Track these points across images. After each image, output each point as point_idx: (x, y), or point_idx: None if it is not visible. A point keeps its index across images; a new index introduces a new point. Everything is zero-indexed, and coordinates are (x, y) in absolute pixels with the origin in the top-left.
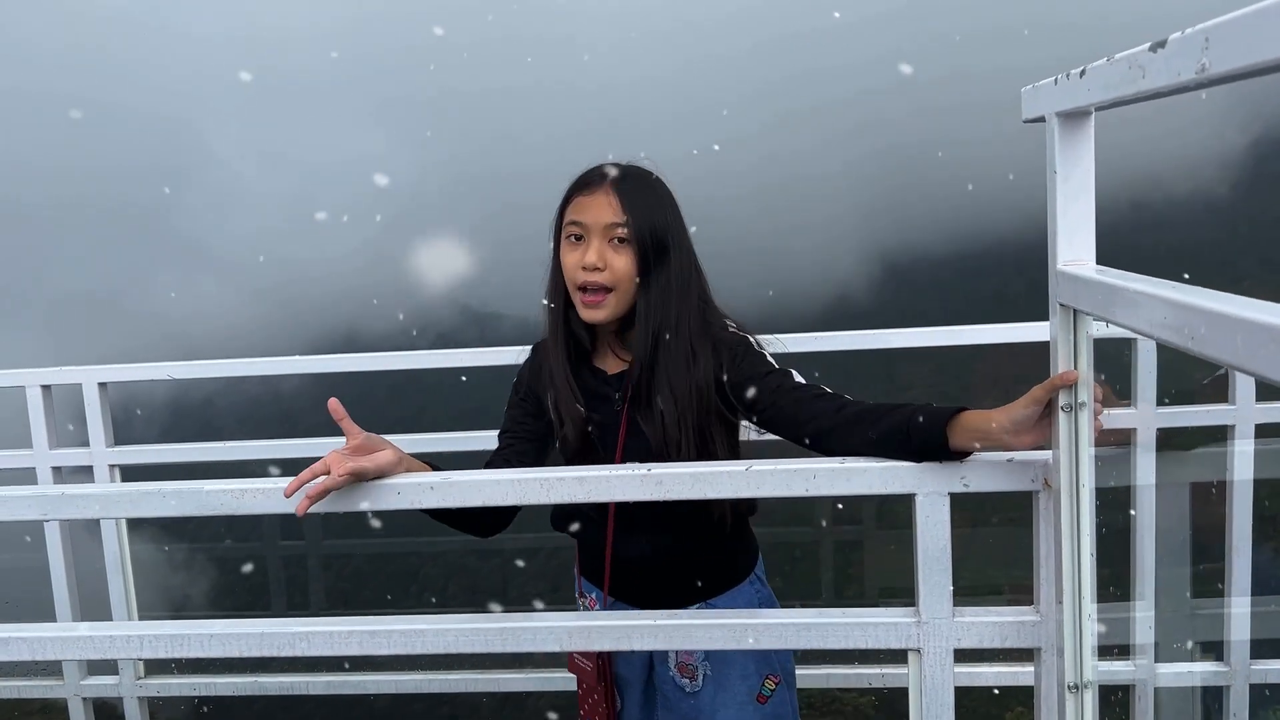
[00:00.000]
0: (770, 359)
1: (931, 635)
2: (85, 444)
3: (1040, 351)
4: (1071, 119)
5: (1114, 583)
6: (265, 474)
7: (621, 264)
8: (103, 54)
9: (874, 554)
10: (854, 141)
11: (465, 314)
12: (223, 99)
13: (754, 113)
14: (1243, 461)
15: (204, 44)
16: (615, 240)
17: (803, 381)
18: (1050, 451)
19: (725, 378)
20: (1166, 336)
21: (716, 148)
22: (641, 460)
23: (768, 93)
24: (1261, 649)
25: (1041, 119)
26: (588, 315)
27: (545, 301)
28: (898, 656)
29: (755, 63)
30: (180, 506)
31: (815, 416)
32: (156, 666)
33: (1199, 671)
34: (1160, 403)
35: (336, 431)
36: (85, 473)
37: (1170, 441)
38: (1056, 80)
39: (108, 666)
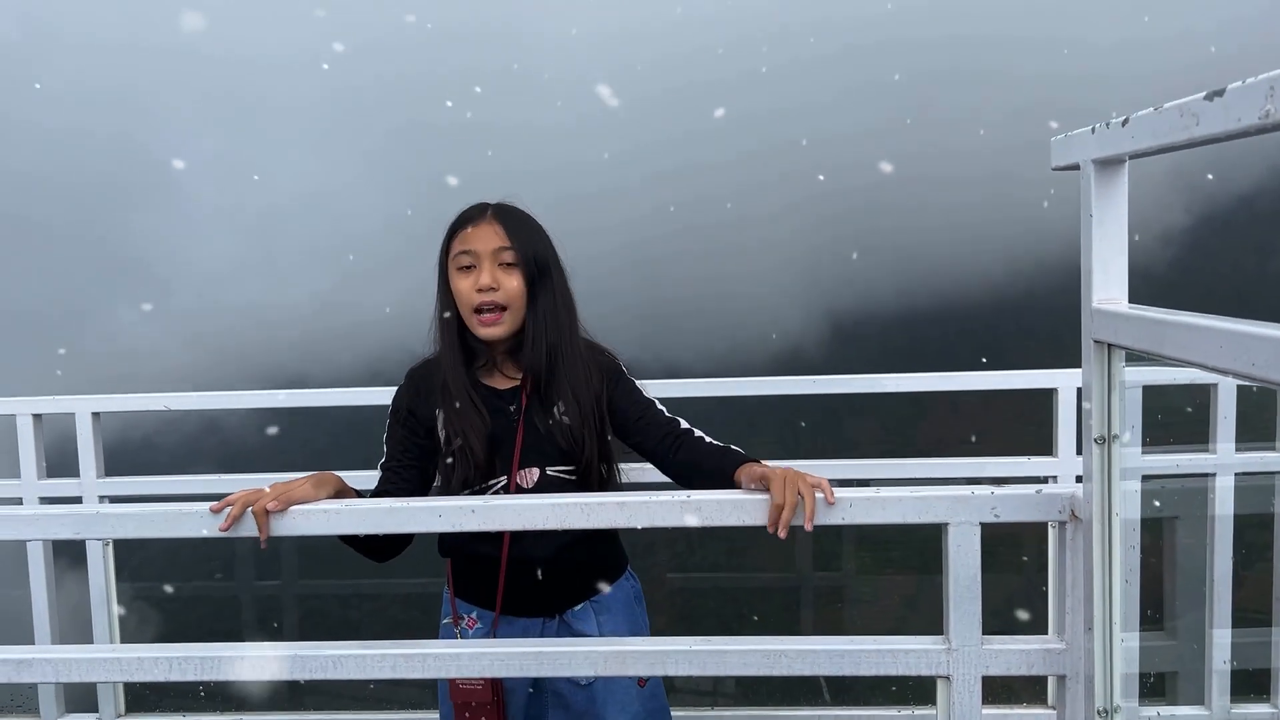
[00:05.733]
0: (641, 389)
1: (961, 662)
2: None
3: (986, 408)
4: (1107, 165)
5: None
6: None
7: (513, 284)
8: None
9: (854, 603)
10: (799, 199)
11: (414, 360)
12: (186, 115)
13: (709, 171)
14: (1223, 498)
15: (170, 55)
16: (504, 264)
17: (664, 413)
18: (1077, 486)
19: (606, 395)
20: (1224, 365)
21: (672, 208)
22: (539, 463)
23: (711, 145)
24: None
25: (1074, 166)
26: (486, 333)
27: (436, 326)
28: (911, 696)
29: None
30: (217, 526)
31: (660, 448)
32: (136, 704)
33: (1180, 716)
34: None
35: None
36: (74, 503)
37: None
38: (1094, 129)
39: (86, 703)
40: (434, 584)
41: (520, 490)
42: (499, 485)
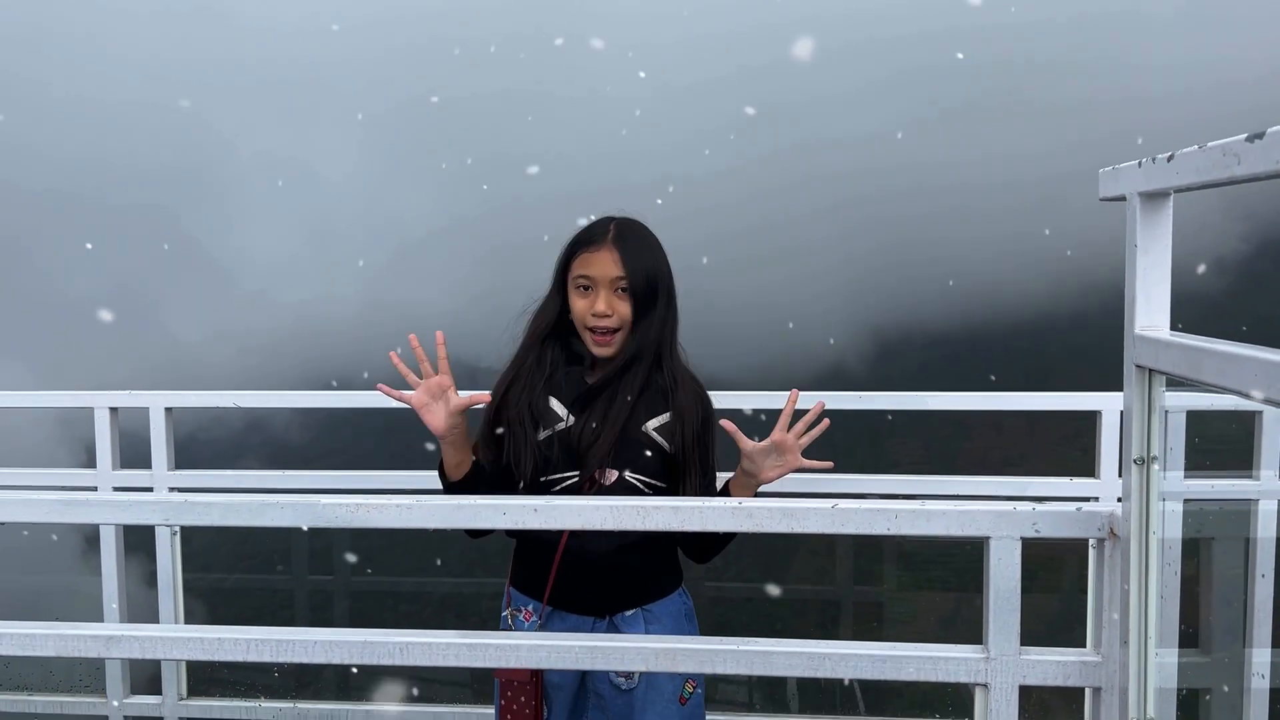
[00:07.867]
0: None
1: (999, 671)
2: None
3: (1031, 430)
4: (1153, 199)
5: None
6: None
7: (625, 309)
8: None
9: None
10: (846, 216)
11: (457, 367)
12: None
13: (745, 183)
14: (1265, 523)
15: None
16: (619, 290)
17: (714, 486)
18: (1117, 505)
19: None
20: (1260, 392)
21: (711, 219)
22: (619, 466)
23: (758, 161)
24: None
25: (1120, 198)
26: (600, 352)
27: (535, 317)
28: (950, 709)
29: (748, 130)
30: (297, 517)
31: None
32: (198, 687)
33: None
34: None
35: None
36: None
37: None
38: (1140, 164)
39: (151, 685)
40: (469, 585)
41: (596, 486)
42: (573, 480)
